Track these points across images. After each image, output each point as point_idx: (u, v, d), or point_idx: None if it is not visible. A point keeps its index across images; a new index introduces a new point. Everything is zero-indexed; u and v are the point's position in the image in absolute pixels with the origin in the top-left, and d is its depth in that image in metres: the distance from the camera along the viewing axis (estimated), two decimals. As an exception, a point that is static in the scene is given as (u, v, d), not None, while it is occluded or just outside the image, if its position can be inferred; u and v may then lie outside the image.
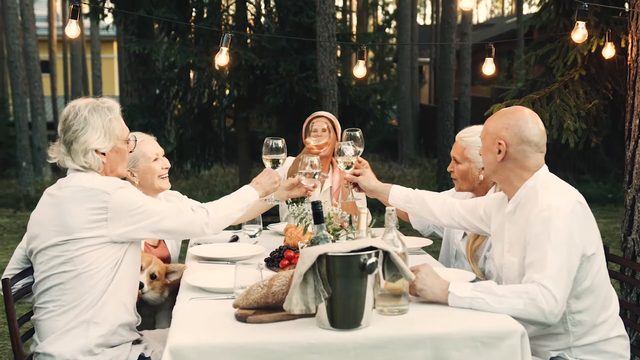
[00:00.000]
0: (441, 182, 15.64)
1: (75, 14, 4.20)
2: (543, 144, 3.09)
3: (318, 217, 2.83)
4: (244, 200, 3.45)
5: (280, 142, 3.67)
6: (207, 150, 12.42)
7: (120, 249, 3.11)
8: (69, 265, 3.02)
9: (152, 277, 3.65)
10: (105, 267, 3.06)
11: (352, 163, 3.83)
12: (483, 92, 25.96)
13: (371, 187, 3.84)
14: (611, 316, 3.10)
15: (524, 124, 3.03)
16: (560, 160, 17.28)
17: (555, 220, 2.85)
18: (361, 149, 3.91)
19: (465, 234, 4.09)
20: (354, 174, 3.87)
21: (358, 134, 3.91)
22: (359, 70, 5.36)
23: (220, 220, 3.31)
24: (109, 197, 3.01)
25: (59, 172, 3.23)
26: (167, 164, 4.03)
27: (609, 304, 3.11)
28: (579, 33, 4.38)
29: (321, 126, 4.94)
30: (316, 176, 3.73)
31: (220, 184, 16.61)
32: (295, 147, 9.96)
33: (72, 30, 4.31)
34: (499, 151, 3.04)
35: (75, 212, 3.00)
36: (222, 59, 4.87)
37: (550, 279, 2.77)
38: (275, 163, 3.65)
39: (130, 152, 3.37)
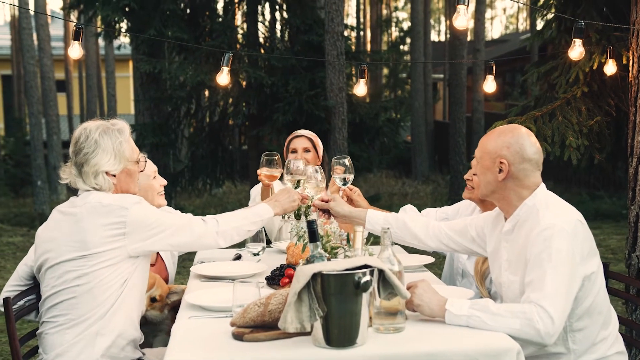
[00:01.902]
0: (453, 198, 15.61)
1: (78, 35, 4.24)
2: (541, 161, 3.10)
3: (313, 236, 2.85)
4: (258, 214, 3.45)
5: (301, 164, 3.70)
6: (219, 168, 12.48)
7: (133, 264, 3.18)
8: (82, 279, 3.08)
9: (153, 300, 3.69)
10: (118, 281, 3.13)
11: (320, 189, 3.68)
12: (497, 108, 25.95)
13: (344, 212, 3.62)
14: (611, 334, 3.10)
15: (524, 142, 3.04)
16: (575, 177, 17.23)
17: (557, 239, 2.84)
18: (351, 176, 3.78)
19: None
20: (323, 200, 3.67)
21: (347, 161, 3.76)
22: (360, 88, 5.38)
23: (232, 230, 3.33)
24: (126, 211, 3.09)
25: (74, 190, 3.29)
26: (163, 181, 4.07)
27: (608, 322, 3.10)
28: (576, 50, 4.38)
29: (302, 145, 4.83)
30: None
31: (233, 201, 16.66)
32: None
33: (75, 51, 4.36)
34: (500, 170, 3.03)
35: (94, 228, 3.06)
36: (223, 78, 4.90)
37: (547, 299, 2.76)
38: (297, 183, 3.70)
39: (141, 171, 3.43)
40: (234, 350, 2.63)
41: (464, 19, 3.73)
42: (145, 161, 3.56)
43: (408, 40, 33.03)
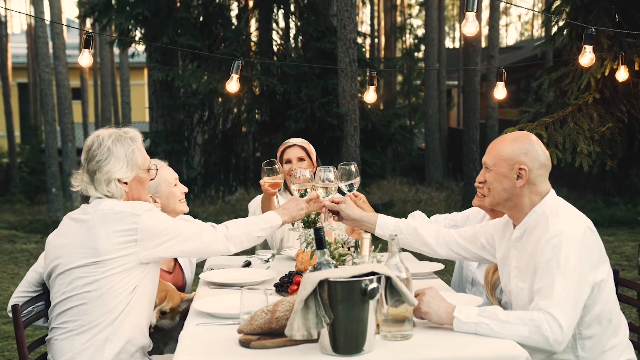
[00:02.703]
0: (467, 205, 15.45)
1: (88, 43, 4.27)
2: (550, 166, 3.10)
3: (320, 243, 2.84)
4: (267, 221, 3.49)
5: (308, 173, 3.70)
6: (231, 176, 12.49)
7: (143, 271, 3.20)
8: (93, 285, 3.10)
9: (163, 313, 3.70)
10: (128, 288, 3.15)
11: (332, 189, 3.61)
12: (511, 114, 25.85)
13: (355, 215, 3.60)
14: (620, 342, 3.07)
15: (539, 148, 3.04)
16: (589, 183, 17.13)
17: (566, 247, 2.83)
18: (356, 182, 3.68)
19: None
20: (334, 202, 3.65)
21: (353, 167, 3.66)
22: (369, 95, 5.37)
23: (242, 236, 3.36)
24: (138, 218, 3.11)
25: (88, 198, 3.31)
26: (184, 188, 4.08)
27: (618, 330, 3.07)
28: (587, 57, 4.36)
29: (296, 155, 4.75)
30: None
31: (246, 208, 16.59)
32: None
33: (85, 59, 4.38)
34: (518, 177, 3.01)
35: (106, 235, 3.08)
36: (232, 85, 4.90)
37: (556, 307, 2.74)
38: (304, 192, 3.69)
39: (151, 179, 3.45)
40: (241, 357, 2.62)
41: (472, 26, 3.73)
42: (157, 169, 3.57)
43: (422, 47, 32.95)
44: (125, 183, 3.24)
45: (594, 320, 2.96)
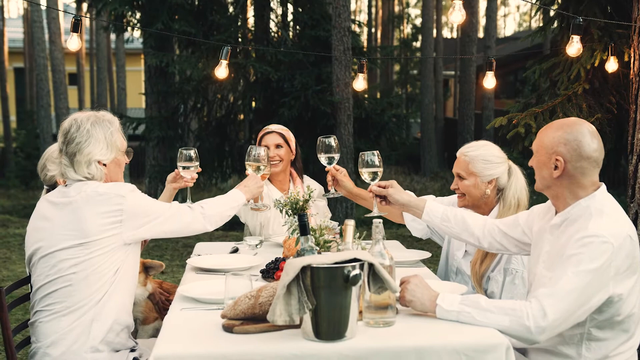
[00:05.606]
0: (461, 195, 15.51)
1: (76, 27, 4.26)
2: (601, 159, 2.94)
3: (304, 229, 2.85)
4: (235, 200, 3.67)
5: (263, 151, 3.83)
6: (225, 163, 12.48)
7: (125, 252, 3.24)
8: (79, 267, 3.12)
9: None
10: (112, 269, 3.18)
11: (376, 174, 3.52)
12: (508, 105, 25.81)
13: (403, 200, 3.47)
14: (627, 350, 2.98)
15: (583, 138, 2.87)
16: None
17: (596, 250, 2.72)
18: (336, 156, 3.74)
19: (466, 251, 4.04)
20: (380, 186, 3.50)
21: (333, 141, 3.72)
22: (359, 83, 5.38)
23: (216, 216, 3.52)
24: (123, 199, 3.14)
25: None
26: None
27: (629, 339, 2.98)
28: (574, 47, 4.36)
29: (274, 142, 4.81)
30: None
31: (240, 196, 16.58)
32: (308, 161, 9.92)
33: (74, 43, 4.37)
34: (556, 167, 2.90)
35: (91, 216, 3.10)
36: (221, 71, 4.91)
37: (551, 297, 2.70)
38: (257, 169, 3.84)
39: (127, 163, 3.48)
40: (223, 342, 2.64)
41: (459, 14, 3.74)
42: (132, 152, 3.59)
43: (420, 36, 32.93)
44: (104, 165, 3.27)
45: (608, 325, 2.89)
